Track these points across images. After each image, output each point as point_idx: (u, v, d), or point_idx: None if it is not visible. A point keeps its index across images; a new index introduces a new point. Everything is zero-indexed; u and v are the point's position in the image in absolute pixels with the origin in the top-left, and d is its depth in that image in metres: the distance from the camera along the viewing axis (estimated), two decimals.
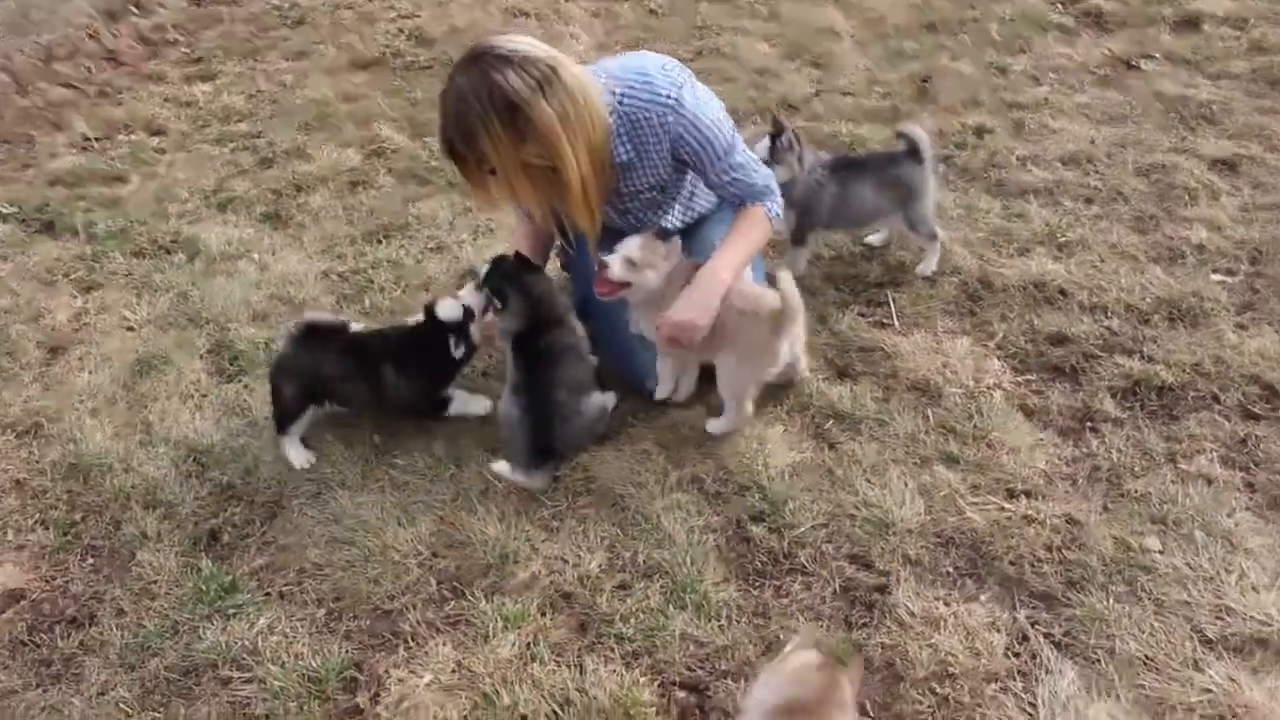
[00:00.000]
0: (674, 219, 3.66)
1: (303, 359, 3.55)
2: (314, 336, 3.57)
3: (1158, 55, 5.79)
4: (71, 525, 3.46)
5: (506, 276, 3.49)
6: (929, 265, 4.13)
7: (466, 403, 3.69)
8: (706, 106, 3.29)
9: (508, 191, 3.24)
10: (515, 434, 3.34)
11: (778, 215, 3.48)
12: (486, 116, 2.99)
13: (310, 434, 3.65)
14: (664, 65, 3.29)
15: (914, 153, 3.97)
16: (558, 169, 3.11)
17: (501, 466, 3.32)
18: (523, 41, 3.07)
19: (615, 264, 3.35)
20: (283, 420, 3.58)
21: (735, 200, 3.46)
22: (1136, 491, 3.10)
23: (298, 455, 3.58)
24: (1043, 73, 5.72)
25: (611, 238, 3.52)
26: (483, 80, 2.99)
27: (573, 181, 3.14)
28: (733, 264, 3.35)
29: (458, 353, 3.58)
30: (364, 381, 3.57)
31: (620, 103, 3.24)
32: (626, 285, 3.38)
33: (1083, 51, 5.88)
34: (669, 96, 3.21)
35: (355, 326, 3.68)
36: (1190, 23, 6.16)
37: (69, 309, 4.58)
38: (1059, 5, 6.48)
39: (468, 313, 3.56)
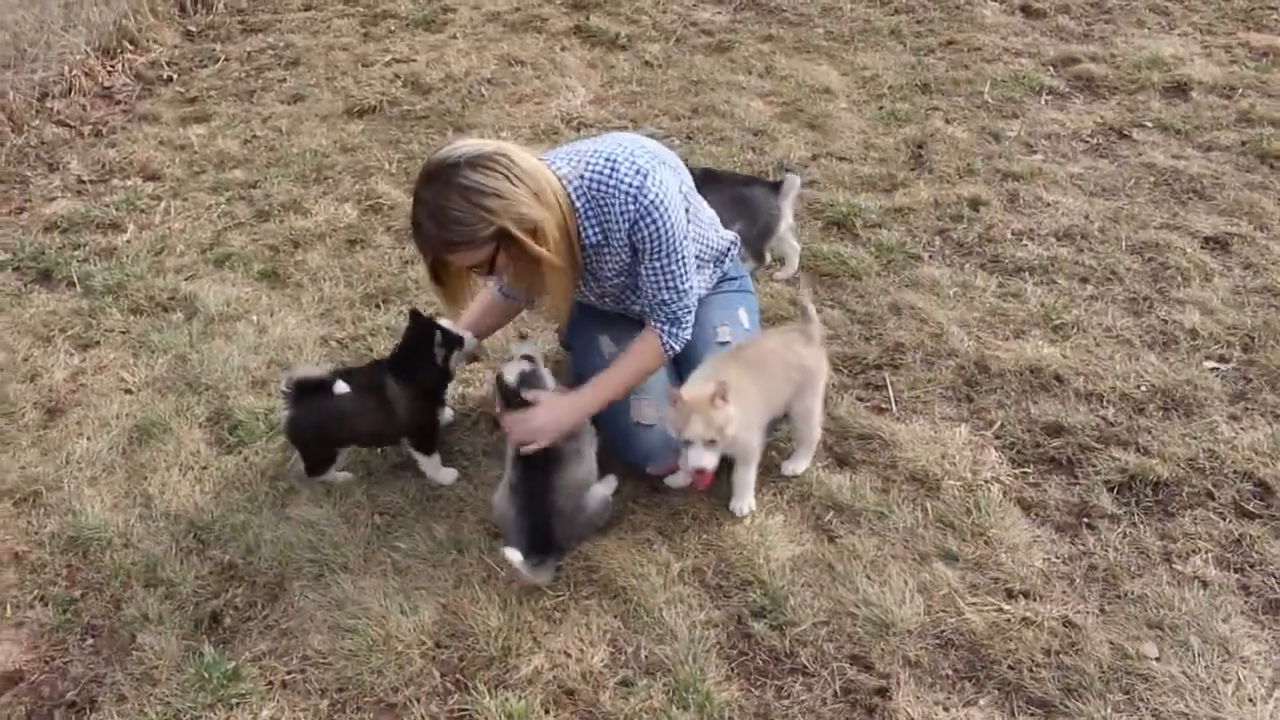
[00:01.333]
0: None
1: None
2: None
3: (1149, 124, 5.85)
4: (71, 602, 3.44)
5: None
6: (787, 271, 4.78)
7: (436, 469, 3.75)
8: (670, 202, 3.29)
9: (497, 275, 3.39)
10: (510, 534, 3.30)
11: (673, 349, 3.50)
12: (468, 222, 3.07)
13: (313, 512, 3.66)
14: (633, 151, 3.32)
15: (775, 185, 4.62)
16: (539, 242, 3.18)
17: (513, 555, 3.19)
18: (470, 144, 3.15)
19: (703, 460, 3.28)
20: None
21: (645, 307, 3.49)
22: (1133, 593, 3.14)
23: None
24: (1036, 140, 5.77)
25: (599, 320, 3.73)
26: (449, 188, 3.07)
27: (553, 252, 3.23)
28: (604, 398, 3.48)
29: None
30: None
31: (588, 186, 3.29)
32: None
33: (1075, 118, 5.94)
34: (631, 184, 3.24)
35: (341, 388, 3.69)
36: (1179, 89, 6.23)
37: (66, 367, 4.56)
38: (1051, 68, 6.54)
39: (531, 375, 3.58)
